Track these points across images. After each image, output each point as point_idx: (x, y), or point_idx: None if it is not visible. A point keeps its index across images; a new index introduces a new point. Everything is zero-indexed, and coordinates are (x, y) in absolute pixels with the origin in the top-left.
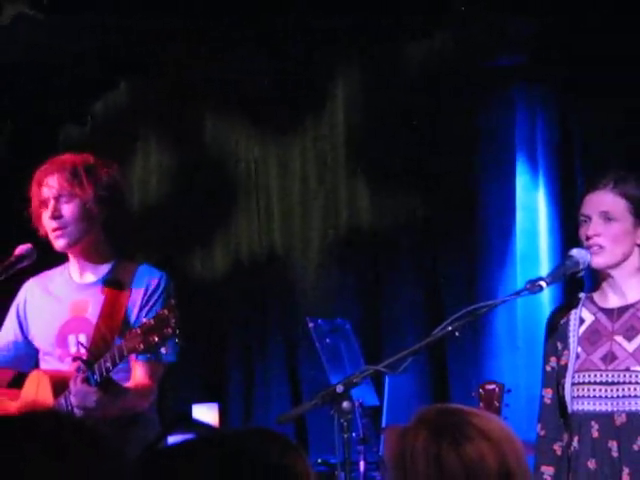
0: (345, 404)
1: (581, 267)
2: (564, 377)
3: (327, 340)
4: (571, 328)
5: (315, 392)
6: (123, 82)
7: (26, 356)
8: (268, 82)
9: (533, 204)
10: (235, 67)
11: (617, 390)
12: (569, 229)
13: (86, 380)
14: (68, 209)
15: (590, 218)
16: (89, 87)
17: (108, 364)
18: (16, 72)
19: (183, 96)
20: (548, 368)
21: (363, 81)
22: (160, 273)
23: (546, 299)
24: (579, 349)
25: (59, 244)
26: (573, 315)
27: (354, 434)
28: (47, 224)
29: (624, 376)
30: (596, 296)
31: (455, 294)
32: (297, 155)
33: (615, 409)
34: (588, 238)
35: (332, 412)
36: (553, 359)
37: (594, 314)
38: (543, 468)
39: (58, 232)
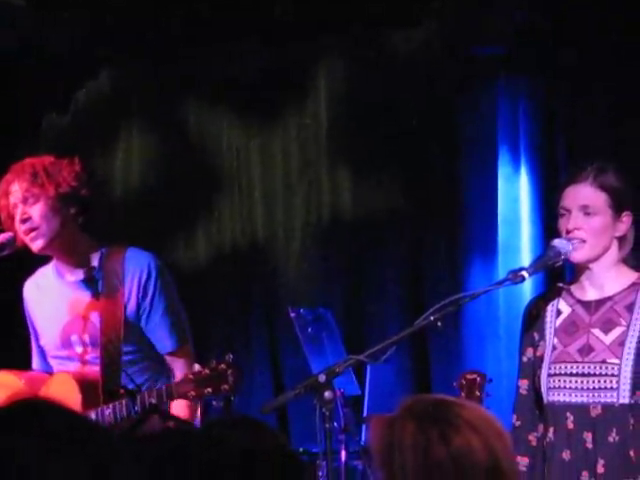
0: (327, 394)
1: (563, 257)
2: (540, 368)
3: (309, 330)
4: (548, 319)
5: (297, 381)
6: (105, 71)
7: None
8: (252, 72)
9: (515, 194)
10: (218, 57)
11: (593, 382)
12: (551, 219)
13: (126, 408)
14: (35, 210)
15: (570, 211)
16: (71, 76)
17: (152, 400)
18: None
19: (165, 85)
20: (524, 359)
21: (346, 71)
22: (147, 258)
23: (528, 289)
24: (555, 340)
25: (36, 245)
26: (550, 306)
27: (335, 423)
28: (20, 230)
29: (600, 368)
30: (574, 288)
31: (437, 284)
32: (279, 145)
33: (591, 401)
34: (568, 232)
35: (314, 402)
36: (529, 350)
37: (571, 306)
38: (518, 458)
39: (32, 234)
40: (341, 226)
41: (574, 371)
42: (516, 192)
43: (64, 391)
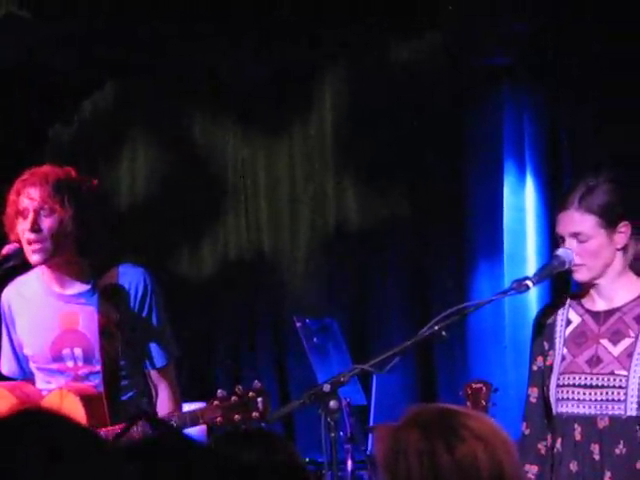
0: (332, 403)
1: (567, 267)
2: (549, 378)
3: (315, 339)
4: (558, 328)
5: (303, 391)
6: (110, 82)
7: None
8: (256, 82)
9: (520, 204)
10: (223, 67)
11: (601, 394)
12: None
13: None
14: (47, 223)
15: (564, 239)
16: (76, 87)
17: (173, 424)
18: (4, 73)
19: (171, 96)
20: (534, 367)
21: (351, 81)
22: (142, 274)
23: (533, 298)
24: (565, 350)
25: (35, 258)
26: (560, 315)
27: (342, 433)
28: (24, 235)
29: (608, 380)
30: (583, 298)
31: (443, 294)
32: (285, 155)
33: (598, 412)
34: None
35: (319, 411)
36: (540, 358)
37: (581, 316)
38: (527, 467)
39: (35, 246)
40: (346, 236)
41: (582, 382)
42: (522, 202)
43: (66, 407)
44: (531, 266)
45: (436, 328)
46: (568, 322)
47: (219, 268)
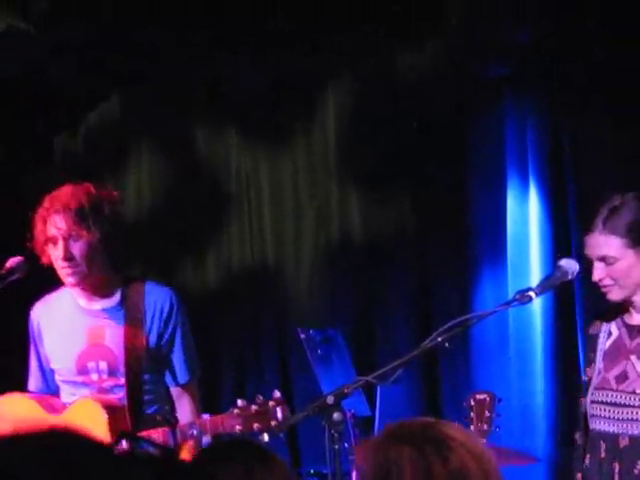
0: (336, 415)
1: (570, 277)
2: (587, 391)
3: (319, 351)
4: (600, 340)
5: (307, 402)
6: (115, 93)
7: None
8: (259, 92)
9: (524, 214)
10: (226, 77)
11: (623, 412)
12: (560, 240)
13: (164, 437)
14: (77, 249)
15: (592, 261)
16: (81, 98)
17: (194, 431)
18: (8, 85)
19: (175, 107)
20: (585, 378)
21: (354, 92)
22: (168, 293)
23: (537, 309)
24: (601, 365)
25: (70, 281)
26: (605, 327)
27: (346, 444)
28: (57, 261)
29: (630, 398)
30: (625, 311)
31: (447, 305)
32: (288, 165)
33: (620, 431)
34: (596, 282)
35: (323, 423)
36: (588, 370)
37: (619, 329)
38: (578, 475)
39: (69, 270)
40: (350, 247)
41: (609, 400)
42: (525, 213)
43: (89, 416)
44: (535, 276)
45: (439, 339)
46: (609, 335)
47: (223, 280)
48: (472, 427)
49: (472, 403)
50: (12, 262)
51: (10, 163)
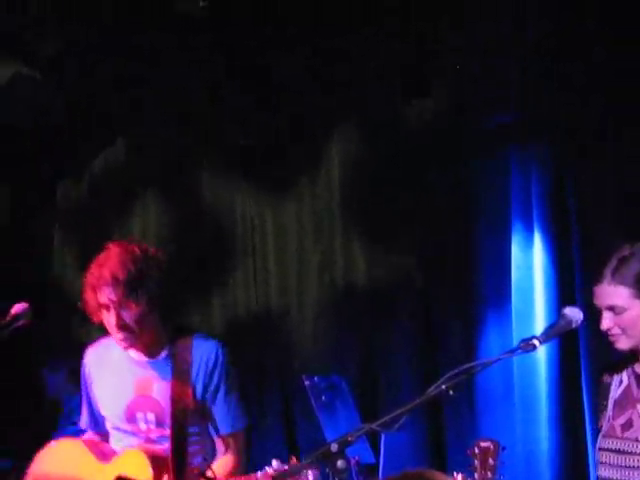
0: (339, 463)
1: (574, 326)
2: (597, 439)
3: (323, 398)
4: (612, 388)
5: (311, 450)
6: (120, 139)
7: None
8: (264, 139)
9: (529, 262)
10: (231, 125)
11: (626, 460)
12: (564, 287)
13: None
14: (128, 316)
15: (600, 311)
16: (85, 144)
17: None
18: (13, 132)
19: (180, 154)
20: (599, 425)
21: (359, 140)
22: (215, 346)
23: (542, 356)
24: (611, 413)
25: (124, 345)
26: (617, 375)
27: None
28: (110, 327)
29: (633, 446)
30: (636, 360)
31: (451, 351)
32: (293, 213)
33: (624, 479)
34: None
35: (327, 470)
36: (601, 418)
37: (629, 377)
38: None
39: (121, 336)
40: (354, 292)
41: (614, 447)
42: (530, 261)
43: (136, 466)
44: (540, 324)
45: (444, 387)
46: (620, 383)
47: (227, 324)
48: (476, 475)
49: (476, 451)
50: (17, 308)
51: (14, 206)
